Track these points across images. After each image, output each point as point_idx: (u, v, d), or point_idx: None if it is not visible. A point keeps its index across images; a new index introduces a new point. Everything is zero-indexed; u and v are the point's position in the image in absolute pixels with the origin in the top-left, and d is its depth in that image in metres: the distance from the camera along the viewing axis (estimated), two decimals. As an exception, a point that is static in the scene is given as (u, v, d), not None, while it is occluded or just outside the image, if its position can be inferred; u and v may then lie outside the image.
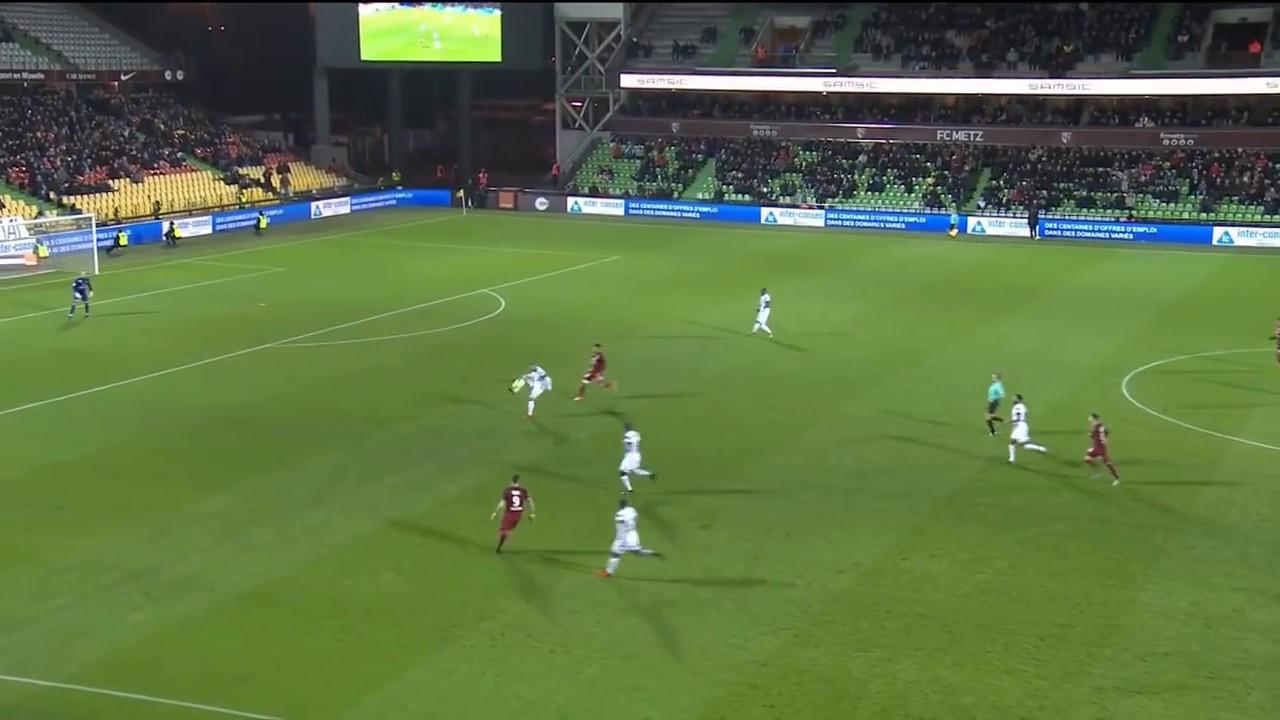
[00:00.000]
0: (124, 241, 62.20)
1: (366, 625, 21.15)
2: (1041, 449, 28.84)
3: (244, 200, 73.91)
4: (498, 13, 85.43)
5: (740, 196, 77.18)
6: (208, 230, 68.88)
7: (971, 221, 70.52)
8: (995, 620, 21.44)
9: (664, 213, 76.59)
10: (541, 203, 79.39)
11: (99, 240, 59.12)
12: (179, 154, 75.90)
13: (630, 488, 26.61)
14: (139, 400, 34.73)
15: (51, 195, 65.81)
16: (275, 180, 76.87)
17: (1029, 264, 59.36)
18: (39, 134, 71.19)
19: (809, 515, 26.19)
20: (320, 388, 35.20)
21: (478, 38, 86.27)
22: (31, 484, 27.85)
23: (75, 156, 70.25)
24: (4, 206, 62.25)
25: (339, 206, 77.92)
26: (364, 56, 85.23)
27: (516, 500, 23.74)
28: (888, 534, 25.13)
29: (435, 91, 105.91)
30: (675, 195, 78.70)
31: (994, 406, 30.40)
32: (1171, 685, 19.17)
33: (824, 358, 39.17)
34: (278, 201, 75.02)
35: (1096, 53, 74.91)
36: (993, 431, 30.31)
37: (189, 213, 70.20)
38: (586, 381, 33.72)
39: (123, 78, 79.78)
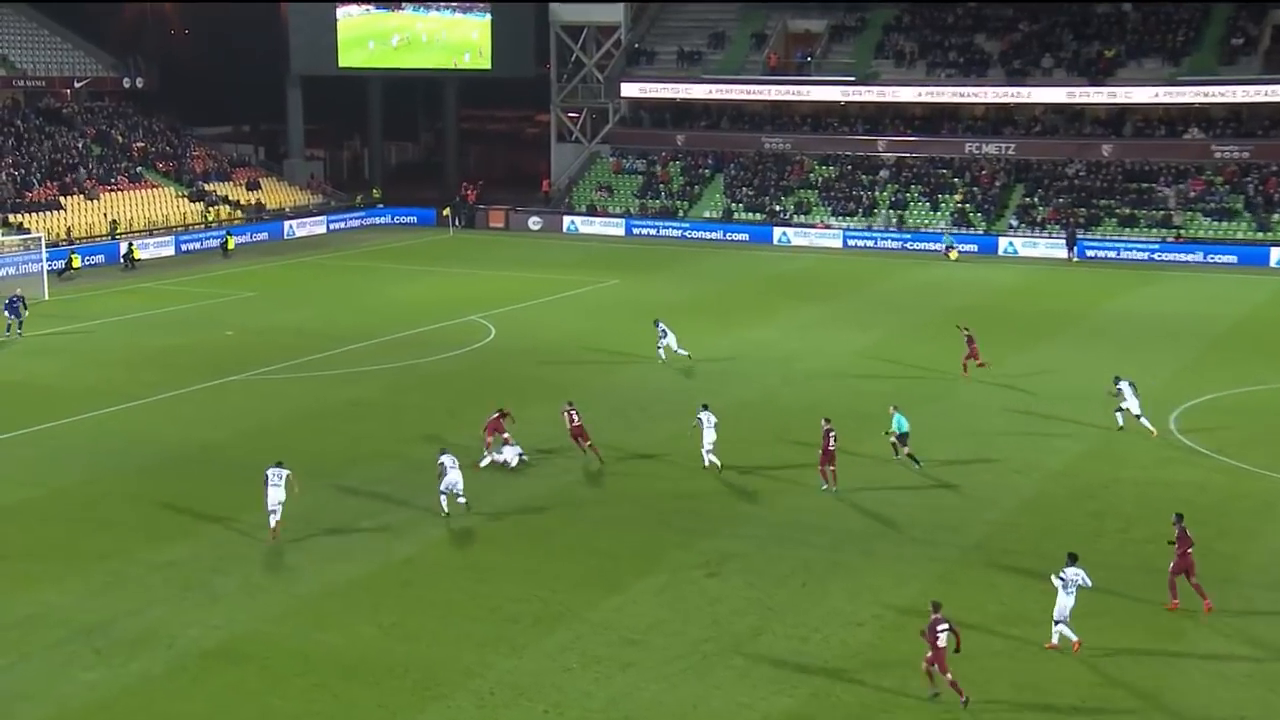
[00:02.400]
0: (77, 264, 62.40)
1: (342, 684, 21.11)
2: (1152, 430, 32.91)
3: (210, 219, 74.31)
4: (488, 17, 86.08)
5: (751, 215, 77.53)
6: (170, 251, 69.19)
7: (1003, 242, 70.79)
8: (1031, 681, 21.33)
9: (668, 233, 76.91)
10: (535, 222, 79.86)
11: (49, 262, 59.27)
12: (138, 168, 76.33)
13: (448, 509, 27.96)
14: (90, 438, 34.68)
15: None
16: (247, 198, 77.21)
17: (1066, 288, 59.55)
18: None
19: (825, 562, 26.19)
20: (292, 424, 35.21)
21: (465, 43, 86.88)
22: (-29, 530, 27.68)
23: (22, 171, 70.55)
24: None
25: (314, 226, 78.40)
26: (342, 63, 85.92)
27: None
28: (912, 583, 25.07)
29: (419, 102, 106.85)
30: (680, 214, 79.01)
31: (904, 439, 31.29)
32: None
33: (840, 390, 39.26)
34: (246, 221, 75.30)
35: (1140, 58, 75.30)
36: (916, 463, 31.31)
37: (149, 232, 70.50)
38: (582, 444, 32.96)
39: (76, 85, 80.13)
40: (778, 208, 77.36)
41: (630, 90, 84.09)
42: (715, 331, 48.08)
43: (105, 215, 70.20)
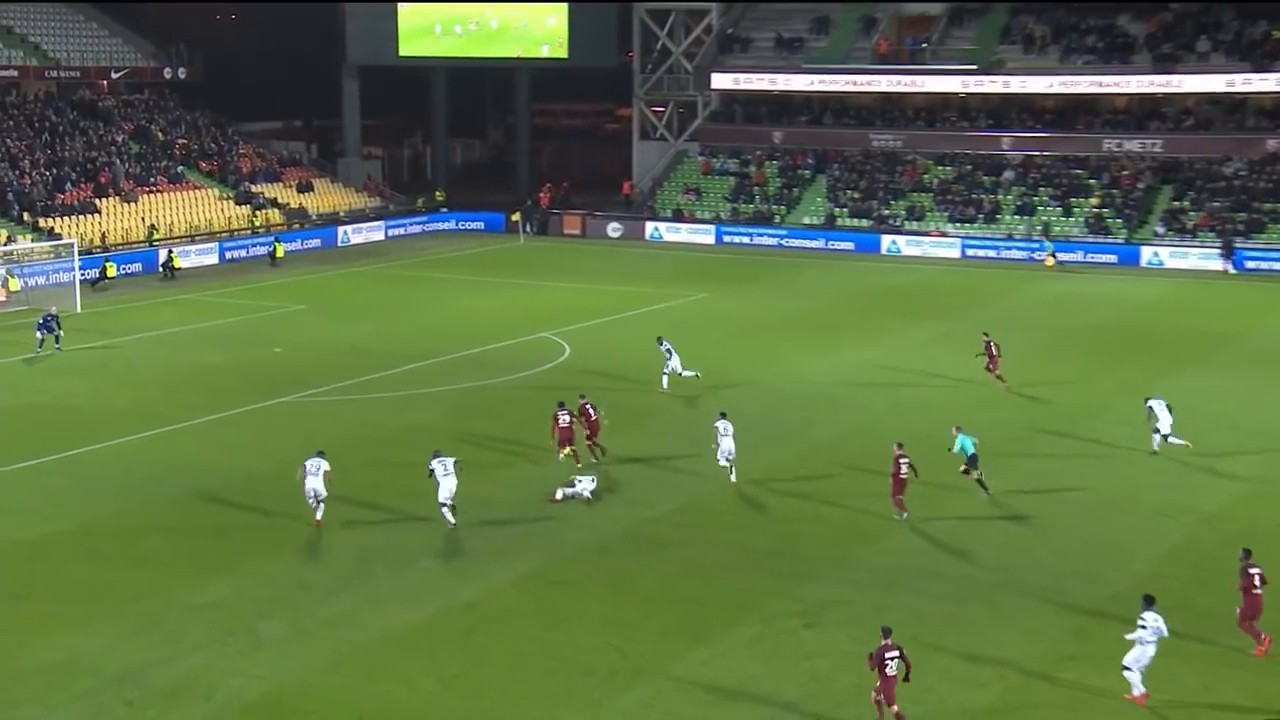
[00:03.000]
0: (112, 273, 63.44)
1: (397, 742, 21.09)
2: (1183, 443, 33.34)
3: (257, 224, 75.10)
4: (565, 1, 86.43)
5: (856, 221, 77.30)
6: (213, 260, 70.24)
7: (1146, 252, 69.95)
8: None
9: (763, 241, 76.90)
10: (615, 228, 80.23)
11: (81, 271, 60.13)
12: (179, 168, 77.42)
13: (453, 521, 29.73)
14: (124, 466, 34.95)
15: (25, 217, 67.18)
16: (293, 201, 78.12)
17: (1222, 304, 58.74)
18: (10, 143, 72.90)
19: (940, 613, 25.98)
20: (345, 451, 35.15)
21: (539, 30, 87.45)
22: (-6, 567, 28.07)
23: (54, 170, 71.81)
24: None
25: (371, 232, 79.37)
26: (403, 52, 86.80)
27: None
28: (1040, 639, 24.78)
29: (488, 95, 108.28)
30: (777, 220, 78.97)
31: (973, 461, 31.78)
32: None
33: (957, 420, 38.75)
34: (297, 226, 76.14)
35: (1312, 39, 73.87)
36: (985, 490, 31.90)
37: (191, 238, 71.44)
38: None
39: (113, 76, 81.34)
40: (887, 213, 77.05)
41: (722, 81, 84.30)
42: (815, 352, 47.95)
43: (143, 219, 71.10)
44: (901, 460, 30.59)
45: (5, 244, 62.84)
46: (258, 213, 75.97)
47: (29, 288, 59.08)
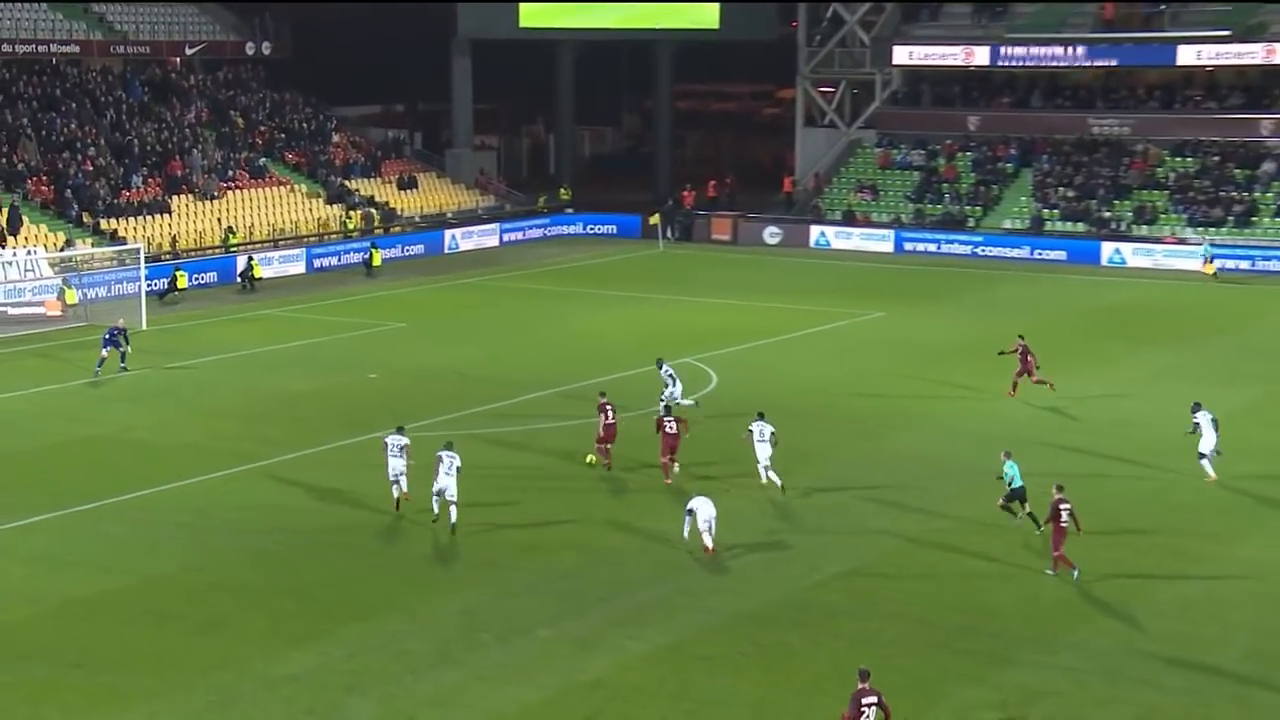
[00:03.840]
0: (183, 284, 64.20)
1: None
2: (1210, 471, 35.63)
3: (351, 226, 75.85)
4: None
5: (1070, 226, 76.23)
6: (300, 268, 71.30)
7: None
8: None
9: (953, 249, 76.24)
10: (773, 233, 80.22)
11: (148, 281, 60.73)
12: (261, 160, 78.58)
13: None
14: (194, 511, 35.16)
15: (85, 217, 68.36)
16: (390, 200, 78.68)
17: None
18: (69, 130, 74.02)
19: (1178, 711, 25.39)
20: None
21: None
22: (41, 631, 28.20)
23: (120, 162, 73.05)
24: (17, 233, 64.41)
25: (484, 237, 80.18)
26: (523, 23, 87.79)
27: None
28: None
29: (623, 74, 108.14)
30: (970, 224, 78.22)
31: (1018, 495, 33.13)
32: None
33: (1198, 470, 38.04)
34: (398, 230, 76.51)
35: None
36: (1038, 526, 32.77)
37: (274, 243, 72.32)
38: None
39: (187, 51, 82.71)
40: (1108, 215, 75.87)
41: (905, 56, 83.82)
42: (1020, 384, 47.26)
43: (219, 220, 71.87)
44: (1062, 507, 30.67)
45: (62, 249, 63.70)
46: (351, 213, 76.71)
47: (87, 300, 59.87)
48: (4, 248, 62.48)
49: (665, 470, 36.85)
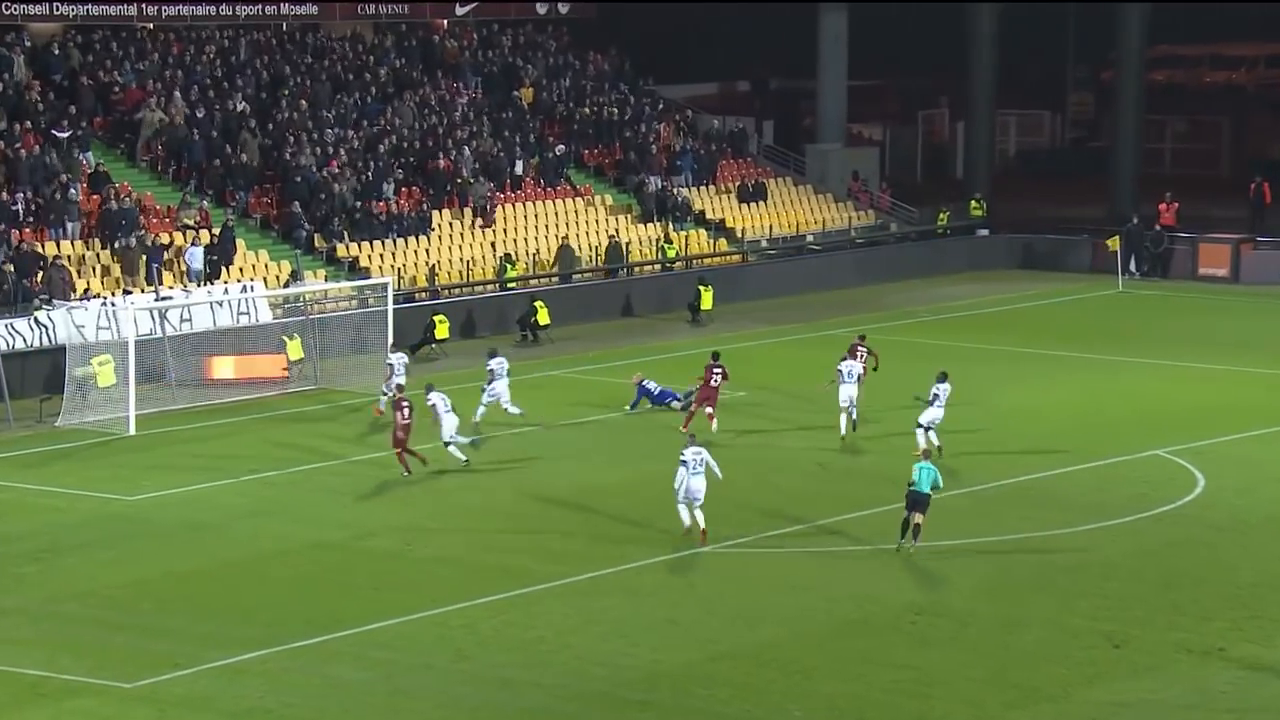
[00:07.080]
0: (444, 333, 57.26)
1: None
2: (925, 446, 38.64)
3: (671, 253, 68.23)
4: None
5: None
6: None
7: None
8: None
9: None
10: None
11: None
12: (559, 159, 71.06)
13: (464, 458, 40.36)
14: (452, 652, 31.74)
15: (317, 240, 61.27)
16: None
17: None
18: (297, 115, 66.69)
19: None
20: (800, 643, 31.89)
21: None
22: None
23: (367, 162, 65.36)
24: (232, 262, 58.71)
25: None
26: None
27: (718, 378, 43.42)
28: None
29: (1069, 34, 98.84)
30: None
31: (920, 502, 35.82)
32: None
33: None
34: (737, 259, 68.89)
35: None
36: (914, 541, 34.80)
37: (564, 275, 65.55)
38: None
39: (459, 10, 76.25)
40: None
41: None
42: None
43: (492, 244, 64.37)
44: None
45: (287, 283, 57.60)
46: (674, 233, 68.46)
47: (317, 354, 53.82)
48: (215, 282, 56.30)
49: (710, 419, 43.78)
